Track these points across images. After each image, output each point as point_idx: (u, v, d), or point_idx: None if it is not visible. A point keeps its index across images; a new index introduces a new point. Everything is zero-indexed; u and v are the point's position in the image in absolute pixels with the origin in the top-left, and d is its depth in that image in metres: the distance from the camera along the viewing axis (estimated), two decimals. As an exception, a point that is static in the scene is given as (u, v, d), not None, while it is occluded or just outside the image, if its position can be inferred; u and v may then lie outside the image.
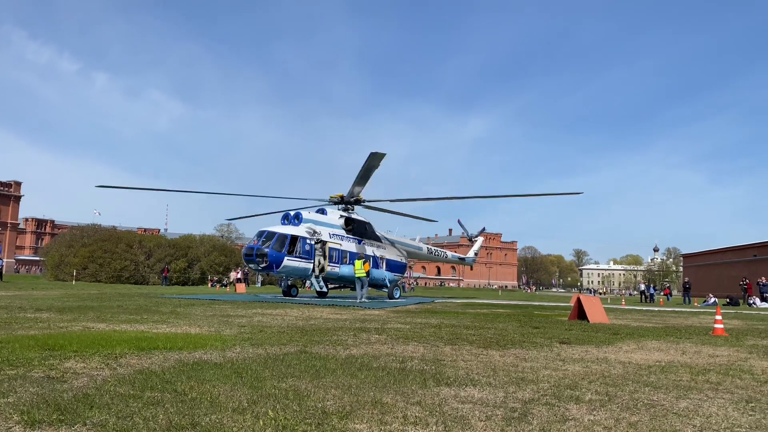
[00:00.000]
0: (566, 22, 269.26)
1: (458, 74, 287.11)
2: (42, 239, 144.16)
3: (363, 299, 22.88)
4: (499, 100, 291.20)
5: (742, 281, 40.26)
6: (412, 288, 59.66)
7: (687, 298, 40.39)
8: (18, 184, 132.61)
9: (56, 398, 4.28)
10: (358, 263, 23.32)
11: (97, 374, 5.34)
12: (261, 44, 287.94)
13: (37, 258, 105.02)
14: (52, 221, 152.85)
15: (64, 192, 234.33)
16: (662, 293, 55.62)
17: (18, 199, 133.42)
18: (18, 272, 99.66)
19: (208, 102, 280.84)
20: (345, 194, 27.17)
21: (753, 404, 4.97)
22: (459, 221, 38.34)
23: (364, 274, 23.15)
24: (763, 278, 37.24)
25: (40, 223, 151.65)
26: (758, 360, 7.93)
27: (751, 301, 35.20)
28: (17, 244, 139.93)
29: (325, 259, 24.75)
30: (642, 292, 42.97)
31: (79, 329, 9.11)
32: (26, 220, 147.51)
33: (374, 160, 22.83)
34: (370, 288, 25.71)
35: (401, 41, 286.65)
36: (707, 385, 5.84)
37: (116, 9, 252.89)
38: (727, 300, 36.36)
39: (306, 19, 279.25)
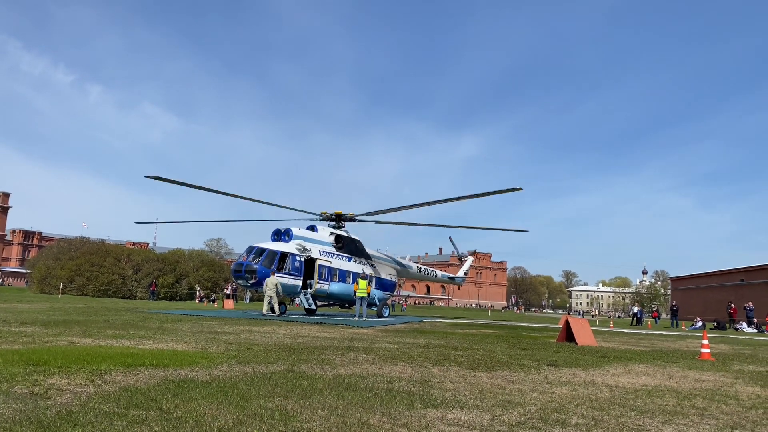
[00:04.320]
0: (559, 45, 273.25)
1: (452, 93, 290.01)
2: (29, 251, 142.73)
3: (362, 318, 23.00)
4: (492, 120, 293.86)
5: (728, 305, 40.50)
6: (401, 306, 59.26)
7: (675, 322, 40.55)
8: (6, 195, 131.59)
9: (39, 415, 4.23)
10: (362, 283, 23.54)
11: (82, 391, 5.29)
12: (255, 60, 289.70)
13: (24, 270, 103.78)
14: (40, 233, 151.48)
15: (53, 204, 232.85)
16: (650, 316, 55.77)
17: (6, 210, 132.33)
18: (3, 284, 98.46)
19: (202, 116, 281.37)
20: (338, 211, 27.20)
21: (738, 430, 4.99)
22: (450, 238, 38.15)
23: (366, 294, 23.41)
24: (750, 303, 37.47)
25: (28, 234, 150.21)
26: (744, 385, 7.97)
27: (738, 326, 35.38)
28: (3, 256, 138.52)
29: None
30: (634, 315, 43.16)
31: (64, 344, 9.02)
32: (13, 231, 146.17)
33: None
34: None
35: (395, 59, 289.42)
36: (693, 410, 5.86)
37: (111, 22, 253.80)
38: (714, 324, 36.53)
39: (301, 36, 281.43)
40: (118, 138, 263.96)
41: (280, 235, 25.15)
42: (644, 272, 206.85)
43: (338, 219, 27.61)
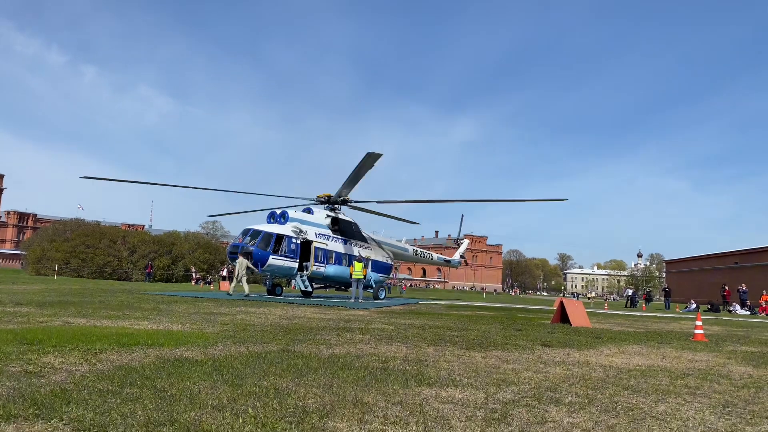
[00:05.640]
0: (557, 27, 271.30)
1: (449, 76, 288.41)
2: (24, 233, 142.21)
3: (359, 300, 23.08)
4: (489, 103, 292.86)
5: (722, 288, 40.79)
6: (398, 288, 59.46)
7: (667, 304, 40.84)
8: (0, 176, 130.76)
9: (33, 393, 4.23)
10: (358, 265, 23.57)
11: (76, 369, 5.28)
12: (251, 42, 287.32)
13: (19, 252, 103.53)
14: (35, 215, 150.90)
15: (48, 185, 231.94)
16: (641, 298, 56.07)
17: (0, 191, 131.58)
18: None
19: (198, 99, 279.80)
20: (332, 194, 27.13)
21: (730, 409, 5.03)
22: (462, 216, 39.02)
23: (362, 277, 23.48)
24: (744, 285, 37.74)
25: (22, 216, 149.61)
26: (736, 365, 8.03)
27: (731, 308, 35.67)
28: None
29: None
30: (629, 297, 43.41)
31: (59, 324, 9.01)
32: (8, 213, 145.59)
33: (369, 160, 22.24)
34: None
35: (392, 42, 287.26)
36: (686, 389, 5.90)
37: (106, 3, 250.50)
38: (708, 306, 36.81)
39: (297, 18, 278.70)
40: (113, 120, 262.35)
41: (275, 217, 25.10)
42: (639, 255, 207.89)
43: (334, 202, 27.54)
